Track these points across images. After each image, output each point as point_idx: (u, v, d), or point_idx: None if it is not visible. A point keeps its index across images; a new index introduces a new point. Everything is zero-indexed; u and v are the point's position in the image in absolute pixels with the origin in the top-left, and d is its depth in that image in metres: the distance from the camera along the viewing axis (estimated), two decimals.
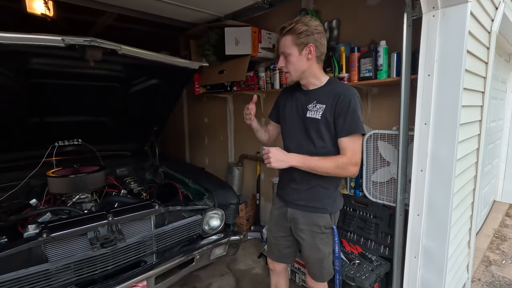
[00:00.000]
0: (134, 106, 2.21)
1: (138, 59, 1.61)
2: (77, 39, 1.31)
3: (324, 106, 1.29)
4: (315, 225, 1.37)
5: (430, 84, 1.46)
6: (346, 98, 1.25)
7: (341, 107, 1.25)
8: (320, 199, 1.37)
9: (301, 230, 1.41)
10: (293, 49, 1.27)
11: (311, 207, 1.38)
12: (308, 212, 1.38)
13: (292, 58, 1.28)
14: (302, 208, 1.39)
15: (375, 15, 1.99)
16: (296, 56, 1.27)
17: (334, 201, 1.40)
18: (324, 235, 1.39)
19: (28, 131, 2.00)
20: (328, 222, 1.38)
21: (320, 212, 1.37)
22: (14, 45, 1.23)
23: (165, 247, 1.73)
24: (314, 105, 1.32)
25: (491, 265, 2.58)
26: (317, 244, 1.39)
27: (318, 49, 1.27)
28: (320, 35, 1.26)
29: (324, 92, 1.32)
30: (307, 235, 1.40)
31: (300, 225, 1.41)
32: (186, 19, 2.83)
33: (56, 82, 1.72)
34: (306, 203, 1.39)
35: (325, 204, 1.37)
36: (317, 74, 1.34)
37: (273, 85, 2.54)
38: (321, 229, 1.38)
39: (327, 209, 1.37)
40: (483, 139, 1.99)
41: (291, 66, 1.30)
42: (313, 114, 1.31)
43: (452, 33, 1.39)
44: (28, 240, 1.29)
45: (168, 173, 2.47)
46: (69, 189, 1.80)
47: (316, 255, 1.41)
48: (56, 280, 1.35)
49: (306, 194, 1.38)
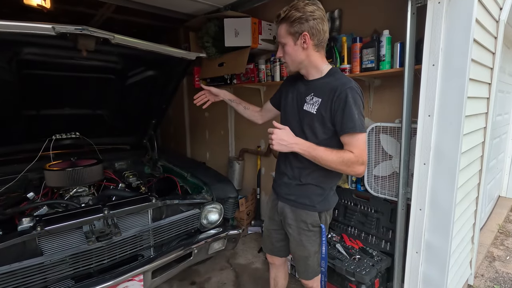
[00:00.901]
0: (132, 98, 2.18)
1: (133, 49, 1.57)
2: (68, 27, 1.27)
3: (320, 100, 1.21)
4: (302, 221, 1.33)
5: (435, 74, 1.41)
6: (342, 93, 1.15)
7: (338, 103, 1.16)
8: (309, 196, 1.32)
9: (289, 225, 1.38)
10: (287, 38, 1.19)
11: (299, 203, 1.33)
12: (296, 208, 1.34)
13: (288, 48, 1.21)
14: (291, 203, 1.35)
15: (378, 4, 1.93)
16: (291, 46, 1.20)
17: (325, 200, 1.33)
18: (311, 233, 1.34)
19: (25, 124, 1.98)
20: (315, 220, 1.32)
21: (308, 209, 1.32)
22: (4, 33, 1.19)
23: (163, 241, 1.71)
24: (311, 97, 1.25)
25: (494, 260, 2.54)
26: (302, 241, 1.35)
27: (315, 37, 1.17)
28: (316, 21, 1.15)
29: (322, 84, 1.23)
30: (294, 231, 1.37)
31: (288, 219, 1.37)
32: (185, 10, 2.79)
33: (51, 73, 1.69)
34: (295, 198, 1.34)
35: (314, 201, 1.31)
36: (317, 64, 1.25)
37: (273, 78, 2.49)
38: (307, 227, 1.33)
39: (315, 207, 1.31)
40: (489, 132, 1.94)
41: (288, 57, 1.24)
42: (309, 107, 1.24)
43: (458, 21, 1.34)
44: (22, 233, 1.28)
45: (167, 166, 2.45)
46: (66, 183, 1.78)
47: (301, 252, 1.38)
48: (52, 274, 1.33)
49: (297, 189, 1.33)
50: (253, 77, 2.66)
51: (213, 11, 2.69)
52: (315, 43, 1.19)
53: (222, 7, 2.62)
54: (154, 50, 1.65)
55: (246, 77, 2.74)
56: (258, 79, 2.62)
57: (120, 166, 2.47)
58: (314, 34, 1.17)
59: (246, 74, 2.72)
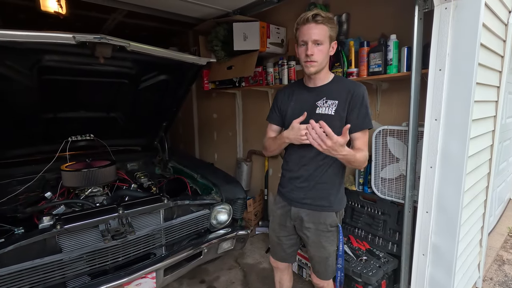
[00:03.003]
0: (144, 101, 2.24)
1: (147, 55, 1.63)
2: (88, 36, 1.34)
3: (336, 101, 1.30)
4: (322, 223, 1.37)
5: (441, 79, 1.42)
6: (360, 93, 1.28)
7: (355, 102, 1.27)
8: (326, 197, 1.37)
9: (307, 229, 1.40)
10: (326, 39, 1.26)
11: (317, 206, 1.37)
12: (314, 210, 1.38)
13: (324, 48, 1.26)
14: (308, 206, 1.39)
15: (386, 9, 1.95)
16: (326, 47, 1.27)
17: (340, 198, 1.40)
18: (330, 233, 1.39)
19: (43, 127, 2.07)
20: (334, 220, 1.38)
21: (326, 211, 1.37)
22: (28, 43, 1.27)
23: (174, 240, 1.76)
24: (325, 101, 1.32)
25: (504, 264, 2.51)
26: (322, 242, 1.39)
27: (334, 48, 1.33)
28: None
29: (333, 88, 1.34)
30: (312, 234, 1.40)
31: (306, 223, 1.40)
32: (195, 14, 2.85)
33: (68, 78, 1.77)
34: (312, 201, 1.38)
35: (332, 202, 1.37)
36: (328, 70, 1.38)
37: (281, 81, 2.52)
38: (327, 228, 1.38)
39: (332, 207, 1.37)
40: (497, 135, 1.93)
41: (321, 56, 1.26)
42: (325, 110, 1.31)
43: (465, 26, 1.35)
44: (43, 231, 1.35)
45: (177, 168, 2.51)
46: (82, 183, 1.86)
47: (321, 253, 1.41)
48: (70, 270, 1.40)
49: (312, 193, 1.37)
50: (261, 80, 2.71)
51: (222, 15, 2.74)
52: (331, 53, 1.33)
53: (231, 12, 2.67)
54: (166, 56, 1.71)
55: (255, 80, 2.78)
56: (266, 82, 2.66)
57: (132, 167, 2.54)
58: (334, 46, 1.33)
59: (255, 77, 2.76)
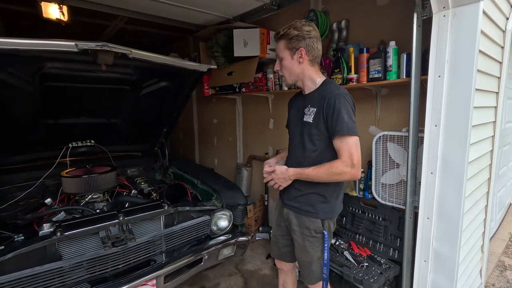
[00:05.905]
0: (145, 108, 2.25)
1: (148, 62, 1.65)
2: (90, 44, 1.35)
3: (315, 109, 1.33)
4: (306, 228, 1.40)
5: (441, 85, 1.43)
6: (331, 100, 1.26)
7: (328, 109, 1.27)
8: (313, 204, 1.39)
9: (294, 231, 1.45)
10: (285, 53, 1.33)
11: (303, 211, 1.40)
12: (300, 214, 1.41)
13: (285, 62, 1.34)
14: (296, 210, 1.43)
15: (385, 16, 1.97)
16: (288, 60, 1.33)
17: (329, 208, 1.39)
18: (314, 239, 1.40)
19: (43, 133, 2.07)
20: (318, 227, 1.38)
21: (311, 216, 1.39)
22: (31, 50, 1.28)
23: (174, 247, 1.76)
24: (309, 109, 1.36)
25: (506, 270, 2.50)
26: (306, 246, 1.41)
27: (310, 53, 1.31)
28: (312, 40, 1.30)
29: (316, 95, 1.36)
30: (298, 237, 1.43)
31: (293, 225, 1.45)
32: (195, 21, 2.88)
33: (70, 85, 1.78)
34: (300, 206, 1.42)
35: (318, 209, 1.38)
36: (312, 77, 1.37)
37: (281, 87, 2.54)
38: (311, 233, 1.40)
39: (318, 214, 1.38)
40: (497, 140, 1.94)
41: (285, 70, 1.37)
42: (307, 118, 1.35)
43: (463, 33, 1.37)
44: (43, 238, 1.34)
45: (178, 173, 2.50)
46: (82, 189, 1.85)
47: (305, 257, 1.44)
48: (70, 277, 1.39)
49: (302, 198, 1.41)
50: (262, 86, 2.72)
51: (222, 22, 2.77)
52: (310, 59, 1.33)
53: (231, 18, 2.69)
54: (168, 63, 1.72)
55: (255, 86, 2.80)
56: (266, 87, 2.67)
57: (132, 173, 2.54)
58: (309, 51, 1.32)
59: (255, 82, 2.78)
